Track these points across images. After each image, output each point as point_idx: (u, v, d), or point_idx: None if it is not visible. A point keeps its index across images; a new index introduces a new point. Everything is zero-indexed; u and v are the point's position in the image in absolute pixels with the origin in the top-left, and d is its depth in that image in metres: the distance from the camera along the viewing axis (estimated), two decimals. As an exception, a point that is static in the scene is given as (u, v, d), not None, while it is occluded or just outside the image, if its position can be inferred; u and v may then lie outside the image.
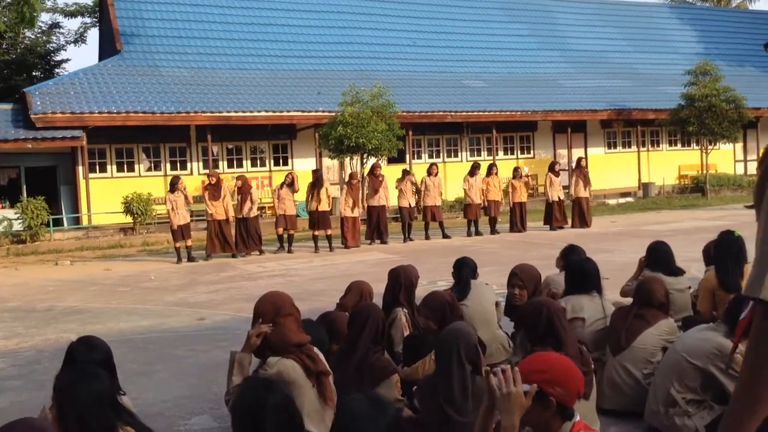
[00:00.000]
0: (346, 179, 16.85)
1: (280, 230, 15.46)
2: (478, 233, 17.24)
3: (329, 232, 15.53)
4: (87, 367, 3.14)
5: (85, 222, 20.79)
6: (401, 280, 5.49)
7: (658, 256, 6.03)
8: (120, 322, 8.80)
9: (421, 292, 5.55)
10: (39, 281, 12.78)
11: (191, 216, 15.41)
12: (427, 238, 16.73)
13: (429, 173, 17.25)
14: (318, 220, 15.44)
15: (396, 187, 17.06)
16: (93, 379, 2.97)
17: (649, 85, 29.74)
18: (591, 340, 4.66)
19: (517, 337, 4.86)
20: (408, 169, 18.33)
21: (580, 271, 5.02)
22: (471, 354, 3.46)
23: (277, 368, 3.30)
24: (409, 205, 16.76)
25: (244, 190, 15.23)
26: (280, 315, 3.41)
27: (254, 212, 15.22)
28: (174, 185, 14.62)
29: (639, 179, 28.46)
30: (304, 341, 3.41)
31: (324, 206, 15.49)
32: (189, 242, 14.61)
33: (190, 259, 14.46)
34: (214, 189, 14.86)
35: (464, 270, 5.87)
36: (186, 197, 14.64)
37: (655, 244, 6.21)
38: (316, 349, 3.53)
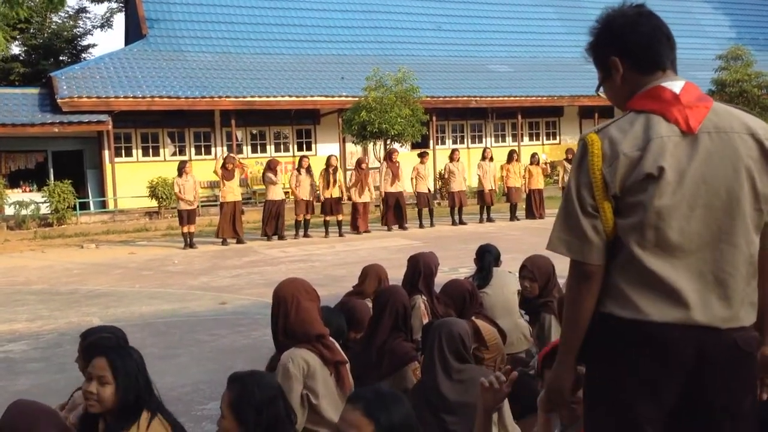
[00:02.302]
0: (354, 165, 16.80)
1: (300, 216, 15.44)
2: (490, 219, 17.12)
3: (340, 217, 15.52)
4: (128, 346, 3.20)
5: (111, 206, 20.97)
6: (420, 267, 5.41)
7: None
8: (142, 305, 8.84)
9: (442, 278, 5.48)
10: (64, 264, 12.91)
11: (214, 200, 15.55)
12: (453, 223, 16.66)
13: (451, 159, 17.14)
14: (330, 206, 15.45)
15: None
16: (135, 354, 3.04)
17: (680, 70, 28.63)
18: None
19: (535, 328, 4.77)
20: (426, 152, 18.12)
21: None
22: (454, 345, 3.34)
23: (292, 357, 3.25)
24: (428, 190, 16.64)
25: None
26: (301, 302, 3.34)
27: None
28: (181, 169, 14.65)
29: (667, 166, 28.00)
30: (324, 333, 3.36)
31: (335, 192, 15.49)
32: (192, 228, 14.58)
33: (191, 245, 14.42)
34: (228, 171, 14.87)
35: (486, 257, 5.77)
36: (194, 182, 14.67)
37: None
38: (332, 339, 3.48)
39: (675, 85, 2.08)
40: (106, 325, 3.82)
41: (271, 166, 15.39)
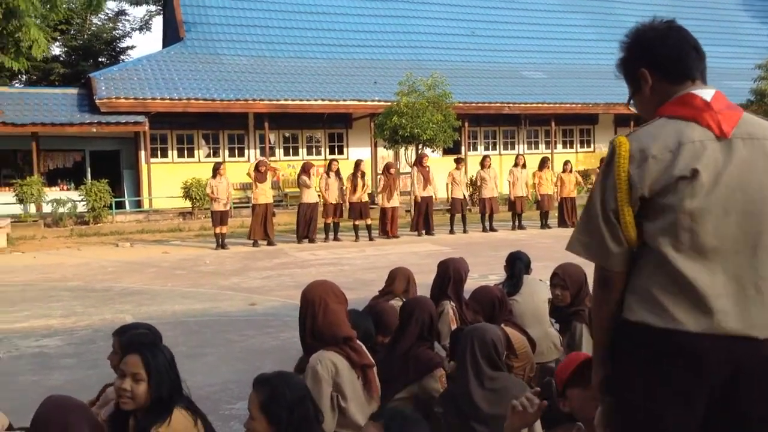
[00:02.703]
0: (381, 170, 16.84)
1: (329, 219, 15.52)
2: (521, 227, 17.04)
3: (369, 221, 15.57)
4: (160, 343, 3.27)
5: (145, 205, 21.29)
6: (450, 273, 5.40)
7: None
8: (175, 304, 8.96)
9: (471, 285, 5.47)
10: (100, 262, 13.13)
11: (247, 202, 15.74)
12: (484, 230, 16.62)
13: (483, 166, 17.10)
14: (358, 209, 15.51)
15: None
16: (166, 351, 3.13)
17: (716, 78, 28.39)
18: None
19: (565, 337, 4.72)
20: (462, 158, 18.09)
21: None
22: (486, 351, 3.33)
23: (320, 359, 3.27)
24: (463, 196, 16.62)
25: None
26: (329, 305, 3.37)
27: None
28: (216, 171, 14.83)
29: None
30: (352, 336, 3.38)
31: (364, 196, 15.56)
32: (225, 229, 14.75)
33: (222, 246, 14.57)
34: (261, 174, 15.02)
35: (517, 264, 5.75)
36: (228, 184, 14.84)
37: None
38: (359, 342, 3.50)
39: (706, 93, 2.10)
40: (141, 322, 3.87)
41: (306, 169, 15.49)
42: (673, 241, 1.96)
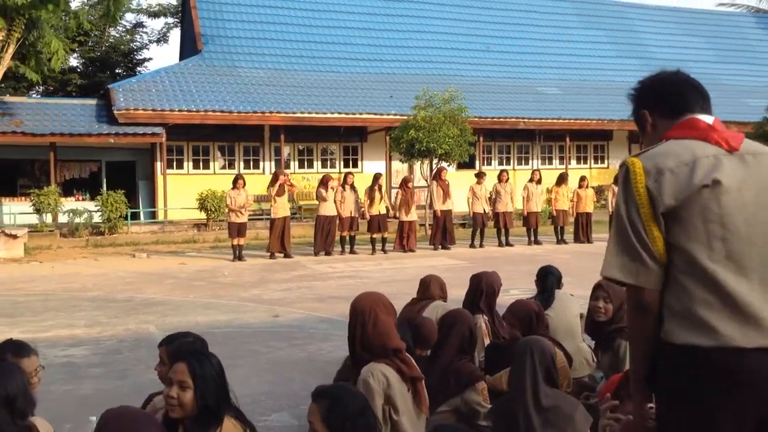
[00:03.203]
0: (399, 183, 16.88)
1: (345, 233, 15.53)
2: (537, 242, 16.98)
3: (385, 235, 15.57)
4: (208, 352, 3.26)
5: (161, 216, 21.35)
6: (483, 287, 5.39)
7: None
8: (198, 315, 8.96)
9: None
10: (118, 272, 13.16)
11: (259, 214, 15.87)
12: (500, 245, 16.59)
13: (500, 180, 17.10)
14: (376, 223, 15.51)
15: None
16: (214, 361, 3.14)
17: (732, 96, 28.68)
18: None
19: (606, 354, 4.63)
20: (484, 173, 18.07)
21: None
22: (545, 364, 3.31)
23: (372, 372, 3.26)
24: (484, 210, 16.61)
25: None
26: (379, 316, 3.36)
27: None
28: (236, 182, 14.90)
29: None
30: (401, 347, 3.37)
31: (382, 209, 15.58)
32: (242, 241, 14.79)
33: (240, 258, 14.58)
34: (279, 187, 15.07)
35: (549, 279, 5.74)
36: (246, 196, 14.89)
37: None
38: (407, 354, 3.48)
39: (707, 118, 2.18)
40: (187, 331, 3.87)
41: (324, 182, 15.52)
42: (707, 252, 1.96)
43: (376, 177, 16.08)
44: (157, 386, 5.97)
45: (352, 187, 15.57)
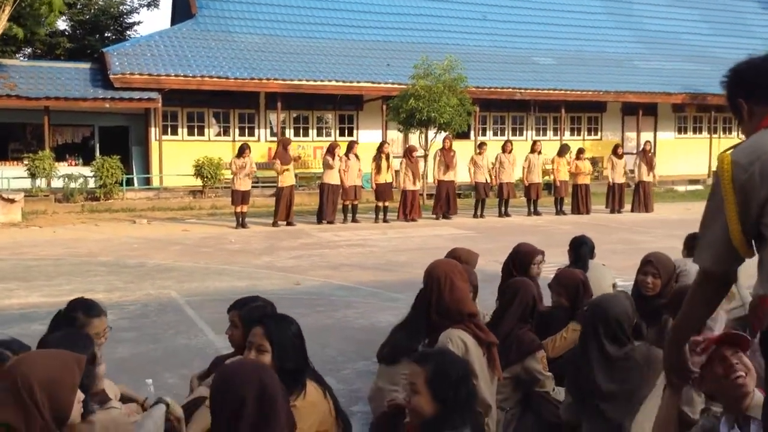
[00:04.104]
0: (403, 152, 16.88)
1: (348, 202, 15.52)
2: (537, 213, 17.09)
3: (387, 204, 15.61)
4: (285, 315, 3.27)
5: (155, 183, 21.19)
6: (521, 257, 5.39)
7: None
8: (215, 281, 8.97)
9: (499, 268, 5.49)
10: (121, 238, 13.09)
11: (255, 182, 15.99)
12: (500, 215, 16.67)
13: (504, 150, 17.12)
14: (383, 191, 15.55)
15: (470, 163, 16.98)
16: (293, 324, 3.18)
17: (725, 69, 28.72)
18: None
19: (653, 329, 4.64)
20: (485, 143, 18.07)
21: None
22: (612, 330, 3.35)
23: (450, 338, 3.30)
24: (486, 180, 16.65)
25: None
26: (455, 282, 3.39)
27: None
28: (242, 151, 14.83)
29: (709, 166, 27.73)
30: (475, 312, 3.41)
31: (388, 178, 15.57)
32: (245, 208, 14.74)
33: (243, 225, 14.56)
34: (285, 154, 15.02)
35: (583, 248, 5.77)
36: (251, 165, 14.83)
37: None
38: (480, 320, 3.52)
39: None
40: (255, 295, 3.88)
41: (331, 149, 15.44)
42: None
43: (381, 145, 16.03)
44: (188, 351, 6.02)
45: (356, 155, 15.52)
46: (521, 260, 5.26)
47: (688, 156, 27.67)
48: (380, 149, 15.82)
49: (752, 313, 2.72)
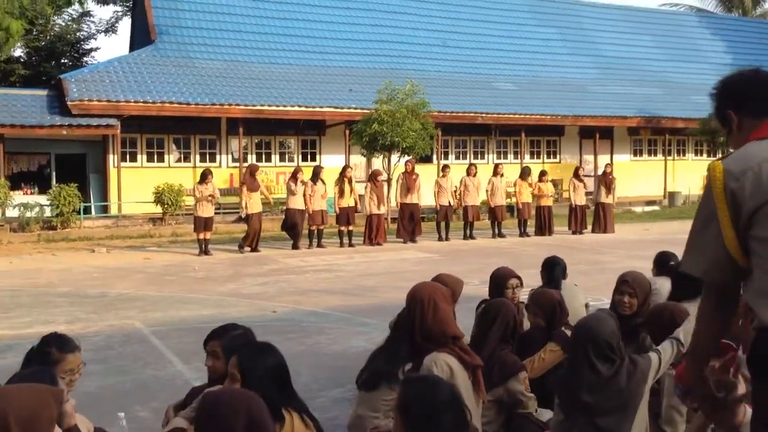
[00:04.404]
0: (368, 177, 16.90)
1: (314, 227, 15.43)
2: (501, 235, 17.21)
3: (351, 228, 15.57)
4: (267, 344, 3.17)
5: (114, 211, 20.80)
6: (495, 281, 5.39)
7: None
8: (180, 310, 8.78)
9: (472, 290, 5.50)
10: (81, 268, 12.76)
11: (217, 209, 15.91)
12: (465, 237, 16.74)
13: (468, 173, 17.25)
14: (346, 215, 15.52)
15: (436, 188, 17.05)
16: (271, 353, 3.08)
17: (679, 93, 29.60)
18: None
19: (629, 347, 4.66)
20: (448, 166, 18.18)
21: (691, 277, 4.89)
22: (602, 350, 3.36)
23: (435, 361, 3.25)
24: (449, 203, 16.71)
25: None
26: (439, 304, 3.35)
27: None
28: (205, 177, 14.69)
29: (665, 188, 28.34)
30: (460, 335, 3.37)
31: (350, 202, 15.57)
32: (208, 235, 14.55)
33: (206, 252, 14.37)
34: (252, 180, 14.95)
35: (556, 269, 5.79)
36: (214, 191, 14.69)
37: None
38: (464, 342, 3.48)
39: None
40: (234, 323, 3.78)
41: (294, 175, 15.41)
42: None
43: (343, 169, 16.01)
44: (157, 382, 5.85)
45: (322, 180, 15.47)
46: (496, 284, 5.25)
47: (644, 178, 28.24)
48: (343, 173, 15.79)
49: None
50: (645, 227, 19.71)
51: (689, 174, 29.37)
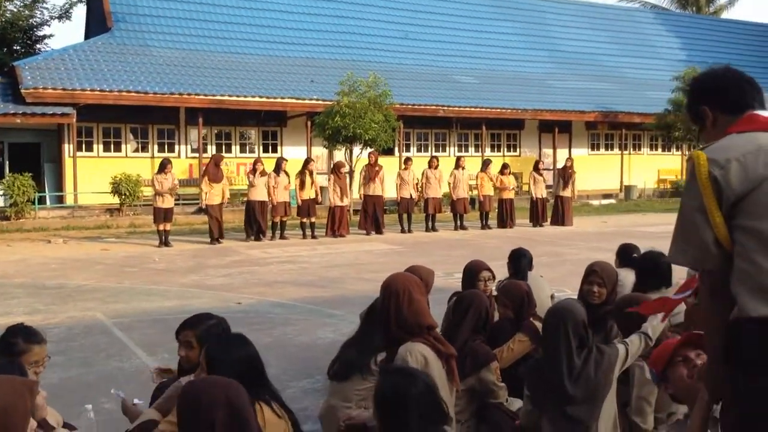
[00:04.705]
0: (330, 169, 16.89)
1: (277, 218, 15.36)
2: (463, 227, 17.35)
3: (314, 219, 15.53)
4: (239, 335, 3.15)
5: (69, 201, 20.37)
6: (467, 272, 5.41)
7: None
8: (142, 302, 8.65)
9: (439, 282, 5.56)
10: (37, 259, 12.49)
11: (176, 199, 15.74)
12: (428, 230, 16.82)
13: (430, 165, 17.32)
14: (306, 207, 15.46)
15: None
16: (245, 346, 3.05)
17: (635, 89, 30.16)
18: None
19: (599, 337, 4.74)
20: (410, 158, 18.24)
21: (653, 266, 5.01)
22: (579, 330, 3.42)
23: (410, 351, 3.27)
24: (410, 196, 16.77)
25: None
26: (413, 295, 3.37)
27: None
28: (164, 167, 14.48)
29: (621, 181, 28.88)
30: (434, 324, 3.40)
31: (311, 194, 15.53)
32: (168, 226, 14.39)
33: (166, 243, 14.20)
34: (216, 171, 14.82)
35: (523, 261, 5.87)
36: (173, 181, 14.50)
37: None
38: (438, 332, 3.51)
39: (765, 112, 2.30)
40: (207, 312, 3.73)
41: (253, 166, 15.34)
42: None
43: (306, 162, 15.94)
44: (122, 374, 5.76)
45: (285, 172, 15.38)
46: (468, 276, 5.29)
47: (601, 171, 28.72)
48: (305, 166, 15.73)
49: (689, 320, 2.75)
50: (603, 220, 20.06)
51: (645, 168, 30.01)
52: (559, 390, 3.29)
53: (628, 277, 5.71)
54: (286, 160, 15.83)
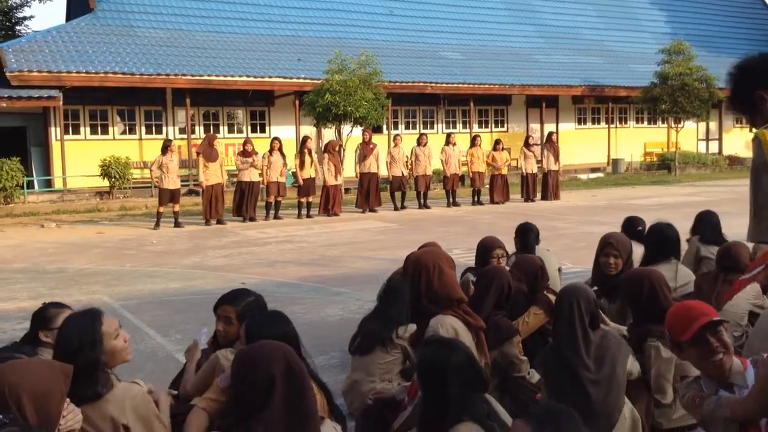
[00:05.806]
0: (324, 147, 16.89)
1: (271, 198, 15.37)
2: (455, 204, 17.44)
3: (311, 199, 15.57)
4: (278, 313, 3.22)
5: (59, 185, 20.23)
6: (481, 250, 5.49)
7: (711, 226, 6.14)
8: (146, 284, 8.68)
9: None
10: (33, 243, 12.44)
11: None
12: (420, 207, 16.90)
13: (419, 143, 17.36)
14: (306, 187, 15.47)
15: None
16: (284, 323, 3.17)
17: (621, 62, 30.25)
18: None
19: (613, 306, 4.82)
20: (400, 135, 18.27)
21: (662, 238, 5.11)
22: (590, 308, 3.50)
23: (441, 323, 3.35)
24: (402, 173, 16.82)
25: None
26: (443, 269, 3.45)
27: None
28: (167, 147, 14.40)
29: (608, 155, 29.08)
30: (463, 298, 3.48)
31: (311, 173, 15.54)
32: (176, 207, 14.40)
33: (177, 224, 14.21)
34: (210, 150, 14.78)
35: (530, 235, 5.96)
36: (177, 162, 14.49)
37: (705, 215, 6.31)
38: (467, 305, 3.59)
39: None
40: (244, 288, 3.77)
41: (243, 148, 15.32)
42: None
43: (304, 140, 15.94)
44: (139, 355, 5.81)
45: (280, 151, 15.36)
46: (482, 253, 5.37)
47: (588, 146, 28.89)
48: (303, 145, 15.73)
49: None
50: (592, 194, 20.23)
51: (631, 141, 30.20)
52: (578, 367, 3.32)
53: (634, 251, 5.83)
54: (279, 140, 15.77)
